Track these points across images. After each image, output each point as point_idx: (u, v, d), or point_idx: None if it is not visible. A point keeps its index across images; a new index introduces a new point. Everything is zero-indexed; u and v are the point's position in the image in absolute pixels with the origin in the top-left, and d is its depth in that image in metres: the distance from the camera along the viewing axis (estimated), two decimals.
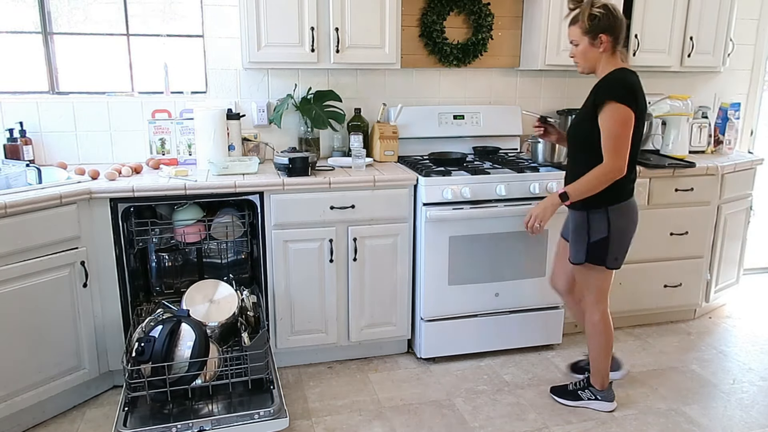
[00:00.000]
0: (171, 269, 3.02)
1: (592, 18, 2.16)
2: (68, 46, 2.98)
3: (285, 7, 2.78)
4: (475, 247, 2.83)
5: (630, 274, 3.20)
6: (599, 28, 2.16)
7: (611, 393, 2.54)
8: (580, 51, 2.24)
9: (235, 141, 2.97)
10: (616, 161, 2.13)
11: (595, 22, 2.16)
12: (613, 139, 2.12)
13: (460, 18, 3.34)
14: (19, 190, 2.31)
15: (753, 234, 3.81)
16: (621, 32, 2.20)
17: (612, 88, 2.13)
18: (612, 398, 2.54)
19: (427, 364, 2.94)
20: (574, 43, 2.25)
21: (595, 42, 2.19)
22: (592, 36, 2.19)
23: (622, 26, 2.20)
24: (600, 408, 2.53)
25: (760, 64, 3.99)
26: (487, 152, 3.29)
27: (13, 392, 2.27)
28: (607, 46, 2.19)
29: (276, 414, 2.21)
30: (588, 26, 2.18)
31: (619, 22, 2.18)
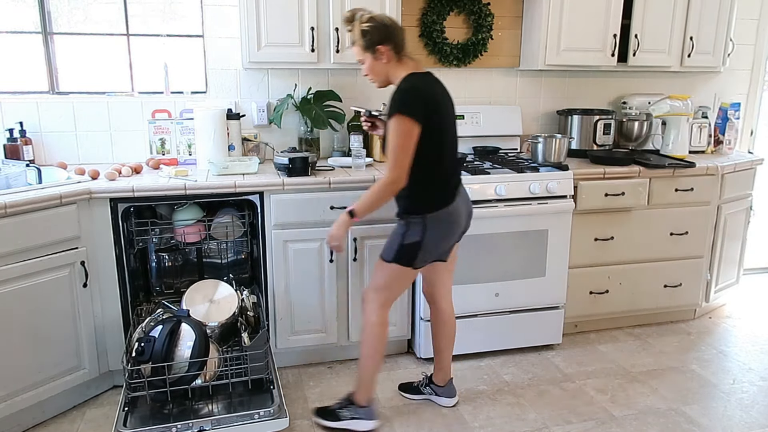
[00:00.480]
0: (171, 269, 3.02)
1: (364, 34, 2.15)
2: (68, 46, 2.98)
3: (285, 7, 2.78)
4: (475, 247, 2.83)
5: (630, 274, 3.21)
6: (374, 41, 2.15)
7: (373, 410, 2.37)
8: (368, 67, 2.22)
9: (235, 141, 2.97)
10: (393, 173, 2.08)
11: (368, 37, 2.15)
12: (392, 151, 2.08)
13: (460, 18, 3.34)
14: (19, 190, 2.31)
15: (753, 234, 3.81)
16: (398, 38, 2.18)
17: (395, 101, 2.10)
18: (374, 415, 2.36)
19: (427, 364, 2.94)
20: (361, 62, 2.25)
21: (375, 55, 2.18)
22: (371, 51, 2.17)
23: (396, 32, 2.18)
24: (362, 428, 2.35)
25: (760, 64, 3.99)
26: (487, 152, 3.29)
27: (13, 392, 2.27)
28: (389, 56, 2.17)
29: (276, 414, 2.21)
30: (364, 43, 2.17)
31: (391, 29, 2.17)
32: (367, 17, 2.16)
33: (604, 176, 3.02)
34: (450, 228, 2.24)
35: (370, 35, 2.15)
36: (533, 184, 2.84)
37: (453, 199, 2.23)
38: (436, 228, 2.20)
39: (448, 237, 2.25)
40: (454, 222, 2.24)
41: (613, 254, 3.15)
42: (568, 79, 3.62)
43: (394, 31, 2.18)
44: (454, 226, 2.25)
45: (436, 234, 2.20)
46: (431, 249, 2.23)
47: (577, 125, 3.43)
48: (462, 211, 2.28)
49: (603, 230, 3.10)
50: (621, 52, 3.29)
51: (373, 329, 2.29)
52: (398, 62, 2.20)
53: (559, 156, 3.02)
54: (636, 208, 3.11)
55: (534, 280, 2.96)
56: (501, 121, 3.40)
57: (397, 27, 2.20)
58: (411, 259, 2.21)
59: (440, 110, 2.16)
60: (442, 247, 2.27)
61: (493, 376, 2.84)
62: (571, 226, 2.97)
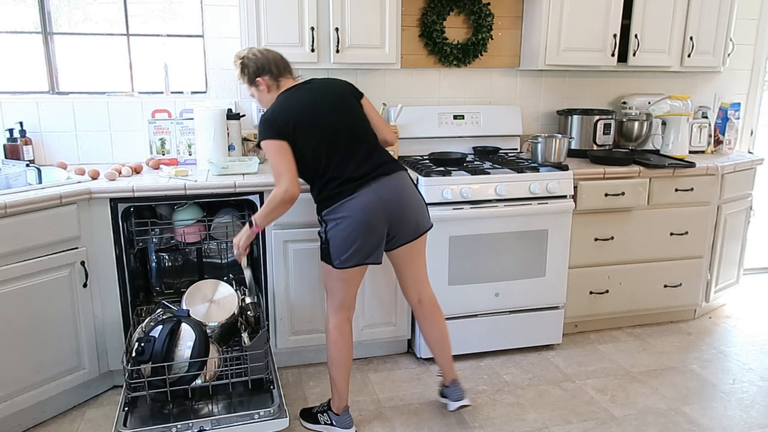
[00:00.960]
0: (171, 269, 3.02)
1: (242, 71, 2.29)
2: (68, 46, 2.98)
3: (285, 7, 2.78)
4: (475, 247, 2.83)
5: (630, 274, 3.21)
6: (252, 74, 2.28)
7: (347, 418, 2.36)
8: (258, 100, 2.36)
9: (235, 141, 2.97)
10: (278, 187, 2.15)
11: (246, 73, 2.29)
12: (273, 168, 2.18)
13: (460, 18, 3.34)
14: (19, 190, 2.31)
15: (753, 234, 3.81)
16: (272, 66, 2.28)
17: (258, 131, 2.22)
18: (348, 425, 2.35)
19: (427, 364, 2.94)
20: (252, 95, 2.37)
21: (258, 87, 2.30)
22: (253, 84, 2.31)
23: (269, 62, 2.28)
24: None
25: (760, 64, 3.99)
26: (487, 152, 3.29)
27: (13, 392, 2.27)
28: (267, 85, 2.29)
29: (276, 414, 2.21)
30: (245, 80, 2.31)
31: (262, 59, 2.28)
32: (243, 54, 2.30)
33: (604, 176, 3.02)
34: (354, 222, 2.15)
35: (247, 70, 2.29)
36: (533, 184, 2.84)
37: (349, 195, 2.16)
38: (335, 223, 2.18)
39: (357, 232, 2.16)
40: (357, 216, 2.15)
41: (613, 254, 3.15)
42: (568, 79, 3.62)
43: (267, 61, 2.28)
44: (359, 221, 2.15)
45: (339, 229, 2.17)
46: (341, 246, 2.18)
47: (577, 125, 3.43)
48: (372, 206, 2.16)
49: (603, 230, 3.10)
50: (621, 52, 3.29)
51: (329, 336, 2.32)
52: (278, 87, 2.31)
53: (559, 156, 3.02)
54: (636, 208, 3.11)
55: (534, 280, 2.96)
56: (501, 121, 3.40)
57: (269, 56, 2.30)
58: (328, 257, 2.24)
59: (298, 121, 2.17)
60: (355, 243, 2.17)
61: (493, 376, 2.84)
62: (571, 226, 2.97)
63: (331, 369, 2.33)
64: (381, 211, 2.18)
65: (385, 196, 2.19)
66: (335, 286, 2.28)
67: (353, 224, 2.16)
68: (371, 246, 2.21)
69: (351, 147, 2.22)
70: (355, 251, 2.18)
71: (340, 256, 2.20)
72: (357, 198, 2.15)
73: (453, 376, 2.48)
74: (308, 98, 2.25)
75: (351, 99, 2.32)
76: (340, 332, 2.30)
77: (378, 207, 2.17)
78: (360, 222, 2.15)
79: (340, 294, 2.29)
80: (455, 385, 2.46)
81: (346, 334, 2.32)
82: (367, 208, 2.16)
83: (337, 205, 2.17)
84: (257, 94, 2.34)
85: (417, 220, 2.29)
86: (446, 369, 2.49)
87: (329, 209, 2.19)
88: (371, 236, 2.19)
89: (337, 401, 2.36)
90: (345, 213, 2.16)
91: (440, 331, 2.46)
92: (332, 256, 2.21)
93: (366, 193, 2.16)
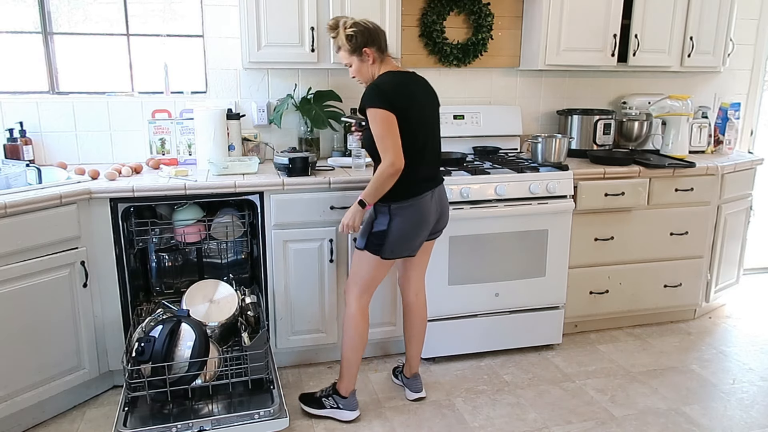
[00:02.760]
0: (171, 269, 3.02)
1: (350, 38, 2.26)
2: (68, 46, 2.98)
3: (285, 7, 2.78)
4: (475, 247, 2.83)
5: (630, 274, 3.21)
6: (360, 44, 2.27)
7: (354, 401, 2.45)
8: (355, 70, 2.33)
9: (235, 141, 2.97)
10: (387, 158, 2.16)
11: (354, 41, 2.26)
12: (379, 140, 2.18)
13: (460, 18, 3.34)
14: (19, 190, 2.31)
15: (753, 234, 3.81)
16: (381, 40, 2.30)
17: (365, 97, 2.21)
18: (354, 407, 2.44)
19: (427, 364, 2.94)
20: (347, 65, 2.35)
21: (362, 57, 2.29)
22: (357, 54, 2.29)
23: (379, 34, 2.29)
24: (341, 417, 2.44)
25: (760, 64, 3.99)
26: (487, 152, 3.29)
27: (13, 392, 2.27)
28: (374, 57, 2.29)
29: (276, 414, 2.21)
30: (350, 47, 2.28)
31: (374, 32, 2.28)
32: (351, 23, 2.27)
33: (604, 176, 3.02)
34: (416, 221, 2.28)
35: (356, 39, 2.26)
36: (533, 184, 2.84)
37: (421, 194, 2.28)
38: (401, 218, 2.26)
39: (414, 230, 2.30)
40: (420, 216, 2.29)
41: (613, 254, 3.15)
42: (568, 79, 3.62)
43: (377, 33, 2.30)
44: (420, 220, 2.29)
45: (402, 225, 2.26)
46: (398, 240, 2.28)
47: (577, 125, 3.43)
48: (431, 209, 2.32)
49: (603, 230, 3.10)
50: (621, 52, 3.29)
51: (351, 320, 2.39)
52: (382, 62, 2.32)
53: (559, 156, 3.02)
54: (636, 208, 3.11)
55: (534, 280, 2.96)
56: (501, 121, 3.40)
57: (379, 30, 2.31)
58: (378, 248, 2.29)
59: (410, 104, 2.23)
60: (409, 239, 2.31)
61: (493, 376, 2.84)
62: (571, 226, 2.97)
63: (348, 351, 2.41)
64: (433, 218, 2.36)
65: (439, 202, 2.38)
66: (369, 273, 2.37)
67: (416, 222, 2.29)
68: (420, 243, 2.37)
69: (433, 151, 2.37)
70: (408, 246, 2.33)
71: (393, 248, 2.30)
72: (421, 199, 2.28)
73: (416, 370, 2.64)
74: (417, 90, 2.30)
75: (438, 107, 2.42)
76: (362, 316, 2.40)
77: (434, 211, 2.35)
78: (422, 222, 2.30)
79: (370, 282, 2.39)
80: (416, 378, 2.63)
81: (367, 319, 2.42)
82: (429, 210, 2.32)
83: (411, 201, 2.26)
84: (358, 64, 2.30)
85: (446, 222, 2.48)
86: (414, 363, 2.63)
87: (400, 203, 2.26)
88: (423, 236, 2.36)
89: (346, 383, 2.43)
90: (411, 210, 2.27)
91: (421, 330, 2.60)
92: (385, 247, 2.29)
93: (428, 198, 2.31)
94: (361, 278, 2.37)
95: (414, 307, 2.57)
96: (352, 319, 2.38)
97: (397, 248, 2.30)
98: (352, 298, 2.39)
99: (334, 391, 2.47)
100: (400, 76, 2.28)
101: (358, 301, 2.38)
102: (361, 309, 2.39)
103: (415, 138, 2.25)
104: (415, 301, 2.57)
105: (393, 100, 2.17)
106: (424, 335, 2.62)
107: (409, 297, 2.57)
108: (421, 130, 2.28)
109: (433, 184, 2.33)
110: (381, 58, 2.31)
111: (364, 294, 2.39)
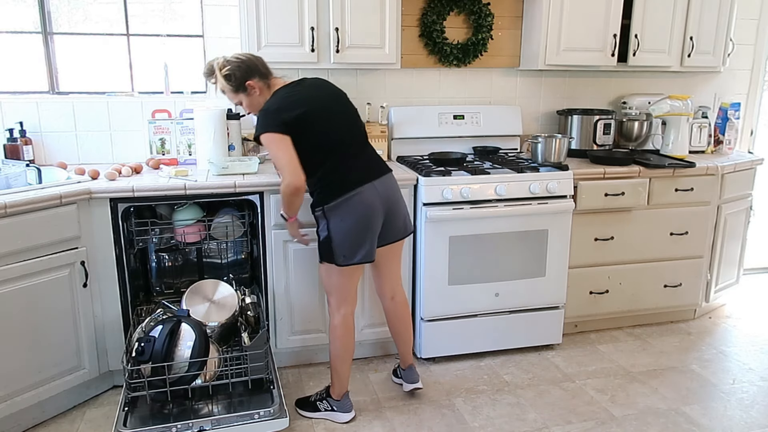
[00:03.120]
0: (171, 269, 3.02)
1: (228, 78, 2.24)
2: (68, 46, 2.98)
3: (285, 7, 2.78)
4: (475, 247, 2.83)
5: (630, 274, 3.21)
6: (240, 80, 2.24)
7: (347, 403, 2.45)
8: (247, 105, 2.32)
9: (235, 141, 2.97)
10: (284, 179, 2.16)
11: (234, 80, 2.24)
12: (275, 162, 2.23)
13: (460, 18, 3.34)
14: (19, 190, 2.31)
15: (753, 234, 3.81)
16: (259, 68, 2.27)
17: (256, 125, 2.20)
18: (348, 409, 2.45)
19: (427, 364, 2.94)
20: (238, 103, 2.34)
21: (248, 92, 2.28)
22: (242, 90, 2.27)
23: (256, 63, 2.28)
24: (336, 419, 2.44)
25: (760, 64, 3.99)
26: (487, 152, 3.29)
27: (13, 392, 2.27)
28: (259, 87, 2.28)
29: (276, 414, 2.21)
30: (232, 86, 2.26)
31: (250, 63, 2.26)
32: (222, 62, 2.26)
33: (604, 176, 3.02)
34: (356, 218, 2.20)
35: (234, 77, 2.24)
36: (533, 184, 2.84)
37: (351, 189, 2.19)
38: (337, 218, 2.20)
39: (358, 228, 2.21)
40: (358, 212, 2.20)
41: (613, 254, 3.15)
42: (568, 79, 3.62)
43: (254, 63, 2.28)
44: (360, 216, 2.21)
45: (341, 225, 2.21)
46: (343, 242, 2.22)
47: (577, 125, 3.43)
48: (372, 202, 2.22)
49: (603, 230, 3.10)
50: (621, 52, 3.29)
51: (334, 332, 2.37)
52: (269, 88, 2.30)
53: (559, 156, 3.02)
54: (636, 208, 3.11)
55: (534, 280, 2.96)
56: (501, 121, 3.40)
57: (253, 58, 2.29)
58: (330, 255, 2.25)
59: (304, 110, 2.19)
60: (357, 240, 2.22)
61: (493, 376, 2.84)
62: (571, 226, 2.97)
63: (334, 362, 2.40)
64: (381, 208, 2.26)
65: (384, 194, 2.26)
66: (337, 283, 2.31)
67: (360, 221, 2.21)
68: (372, 242, 2.27)
69: (354, 143, 2.29)
70: (360, 247, 2.23)
71: (344, 253, 2.23)
72: (361, 194, 2.20)
73: (410, 362, 2.64)
74: (312, 93, 2.27)
75: (347, 98, 2.37)
76: (345, 329, 2.37)
77: (379, 204, 2.25)
78: (366, 218, 2.22)
79: (342, 291, 2.33)
80: (411, 370, 2.63)
81: (350, 328, 2.39)
82: (371, 204, 2.22)
83: (341, 200, 2.19)
84: (247, 99, 2.30)
85: (405, 221, 2.41)
86: (406, 356, 2.64)
87: (332, 204, 2.20)
88: (373, 232, 2.26)
89: (338, 388, 2.44)
90: (350, 209, 2.20)
91: (406, 327, 2.59)
92: (336, 254, 2.24)
93: (369, 189, 2.21)
94: (333, 289, 2.34)
95: (391, 310, 2.55)
96: (334, 331, 2.36)
97: (348, 251, 2.23)
98: (333, 310, 2.37)
99: (328, 394, 2.47)
100: (285, 90, 2.25)
101: (338, 312, 2.35)
102: (343, 319, 2.35)
103: (325, 136, 2.21)
104: (391, 305, 2.54)
105: (281, 116, 2.15)
106: (410, 332, 2.61)
107: (385, 302, 2.55)
108: (330, 127, 2.23)
109: (366, 177, 2.23)
110: (267, 84, 2.28)
111: (342, 304, 2.34)
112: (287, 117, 2.16)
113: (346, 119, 2.31)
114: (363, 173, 2.24)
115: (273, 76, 2.33)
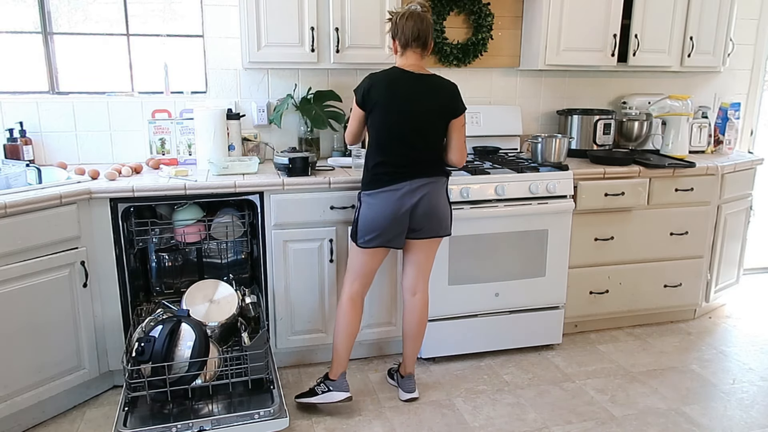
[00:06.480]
0: (171, 269, 3.02)
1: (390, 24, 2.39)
2: (68, 46, 2.98)
3: (285, 7, 2.78)
4: (475, 247, 2.83)
5: (630, 274, 3.21)
6: (392, 32, 2.38)
7: (343, 383, 2.48)
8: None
9: (235, 141, 2.97)
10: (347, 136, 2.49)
11: (392, 27, 2.37)
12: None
13: (460, 18, 3.34)
14: (19, 190, 2.31)
15: (753, 234, 3.81)
16: (404, 34, 2.32)
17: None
18: (344, 388, 2.47)
19: (427, 364, 2.94)
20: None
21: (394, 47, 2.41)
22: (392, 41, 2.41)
23: (404, 28, 2.31)
24: (332, 399, 2.46)
25: (760, 64, 3.99)
26: (487, 152, 3.29)
27: (13, 392, 2.27)
28: (395, 48, 2.40)
29: (276, 414, 2.21)
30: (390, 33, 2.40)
31: (398, 24, 2.33)
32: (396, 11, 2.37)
33: (604, 176, 3.02)
34: (381, 210, 2.34)
35: (390, 28, 2.38)
36: (533, 184, 2.84)
37: (384, 186, 2.33)
38: (366, 205, 2.37)
39: (381, 219, 2.34)
40: (384, 206, 2.33)
41: (613, 254, 3.15)
42: (568, 79, 3.62)
43: (403, 27, 2.33)
44: (385, 210, 2.33)
45: (367, 212, 2.36)
46: (366, 226, 2.37)
47: (577, 125, 3.43)
48: (401, 202, 2.33)
49: (603, 230, 3.10)
50: (621, 52, 3.29)
51: (340, 307, 2.49)
52: (400, 56, 2.39)
53: (559, 156, 3.02)
54: (636, 208, 3.12)
55: (534, 280, 2.96)
56: (501, 121, 3.40)
57: (407, 24, 2.31)
58: (354, 234, 2.43)
59: (385, 101, 2.30)
60: (378, 228, 2.35)
61: (493, 376, 2.84)
62: (571, 226, 2.97)
63: (336, 336, 2.49)
64: (408, 209, 2.36)
65: (423, 199, 2.36)
66: (354, 260, 2.47)
67: (385, 213, 2.34)
68: (394, 233, 2.39)
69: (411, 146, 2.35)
70: (378, 236, 2.37)
71: (364, 235, 2.39)
72: (392, 191, 2.33)
73: (411, 370, 2.65)
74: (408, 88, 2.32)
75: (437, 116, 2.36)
76: (352, 304, 2.48)
77: (409, 205, 2.35)
78: (390, 212, 2.34)
79: (357, 269, 2.47)
80: (410, 379, 2.63)
81: (358, 307, 2.49)
82: (399, 202, 2.34)
83: (377, 191, 2.34)
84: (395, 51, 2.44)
85: (441, 222, 2.46)
86: (410, 363, 2.64)
87: (369, 192, 2.37)
88: (395, 225, 2.37)
89: (335, 368, 2.50)
90: (379, 201, 2.34)
91: (420, 329, 2.60)
92: (358, 233, 2.41)
93: (405, 189, 2.34)
94: (350, 265, 2.48)
95: (410, 306, 2.57)
96: (341, 306, 2.48)
97: (368, 236, 2.37)
98: (345, 285, 2.49)
99: (326, 377, 2.52)
100: (389, 73, 2.34)
101: (349, 287, 2.48)
102: (351, 296, 2.47)
103: (387, 131, 2.33)
104: (411, 301, 2.57)
105: (365, 94, 2.32)
106: (421, 337, 2.61)
107: (406, 295, 2.59)
108: (393, 124, 2.32)
109: (402, 178, 2.33)
110: (401, 52, 2.37)
111: (354, 281, 2.47)
112: (371, 97, 2.31)
113: (414, 122, 2.33)
114: (399, 174, 2.34)
115: (412, 50, 2.35)
